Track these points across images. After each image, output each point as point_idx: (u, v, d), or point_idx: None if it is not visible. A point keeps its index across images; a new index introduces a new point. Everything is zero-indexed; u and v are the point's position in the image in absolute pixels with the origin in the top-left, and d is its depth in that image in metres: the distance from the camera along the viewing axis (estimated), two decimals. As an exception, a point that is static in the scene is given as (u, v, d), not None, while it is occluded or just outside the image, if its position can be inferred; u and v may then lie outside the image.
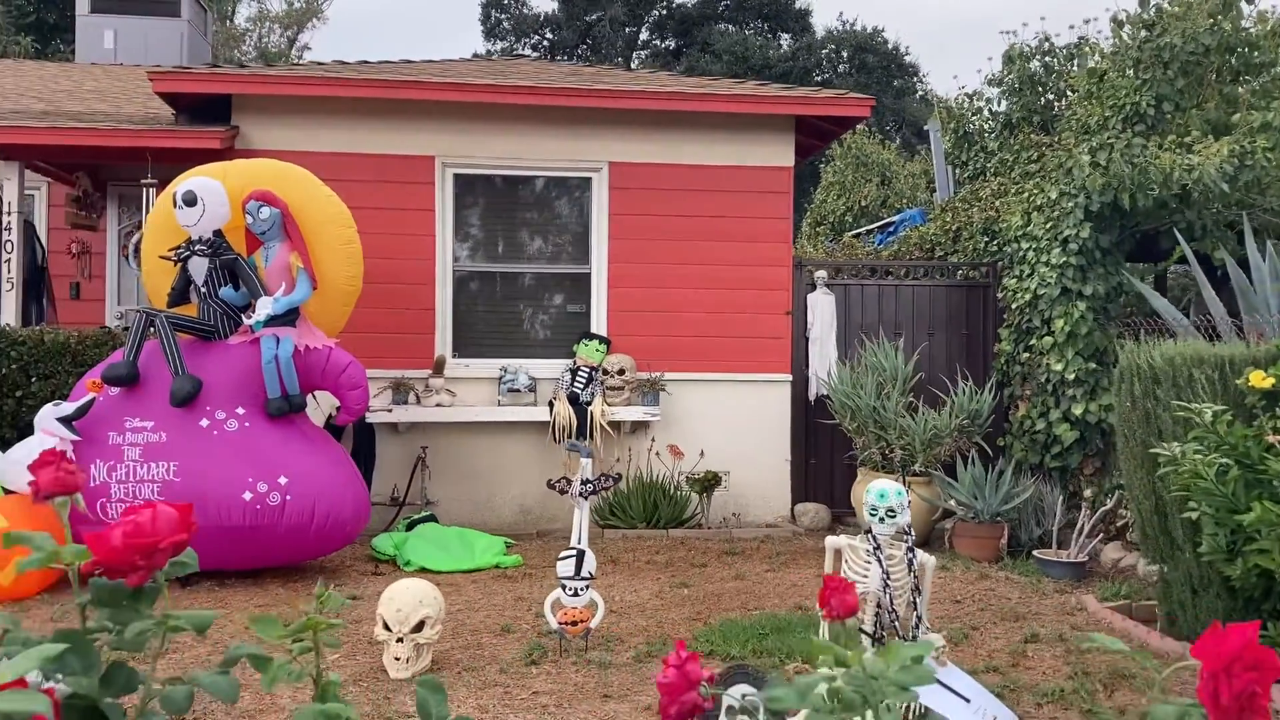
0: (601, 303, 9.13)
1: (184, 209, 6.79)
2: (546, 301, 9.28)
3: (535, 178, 9.21)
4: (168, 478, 6.50)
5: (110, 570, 1.04)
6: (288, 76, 8.67)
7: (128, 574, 1.03)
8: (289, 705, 4.67)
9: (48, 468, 1.21)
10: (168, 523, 1.02)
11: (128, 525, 1.02)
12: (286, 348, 6.76)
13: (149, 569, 1.04)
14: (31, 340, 7.68)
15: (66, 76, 12.72)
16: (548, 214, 9.29)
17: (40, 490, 1.23)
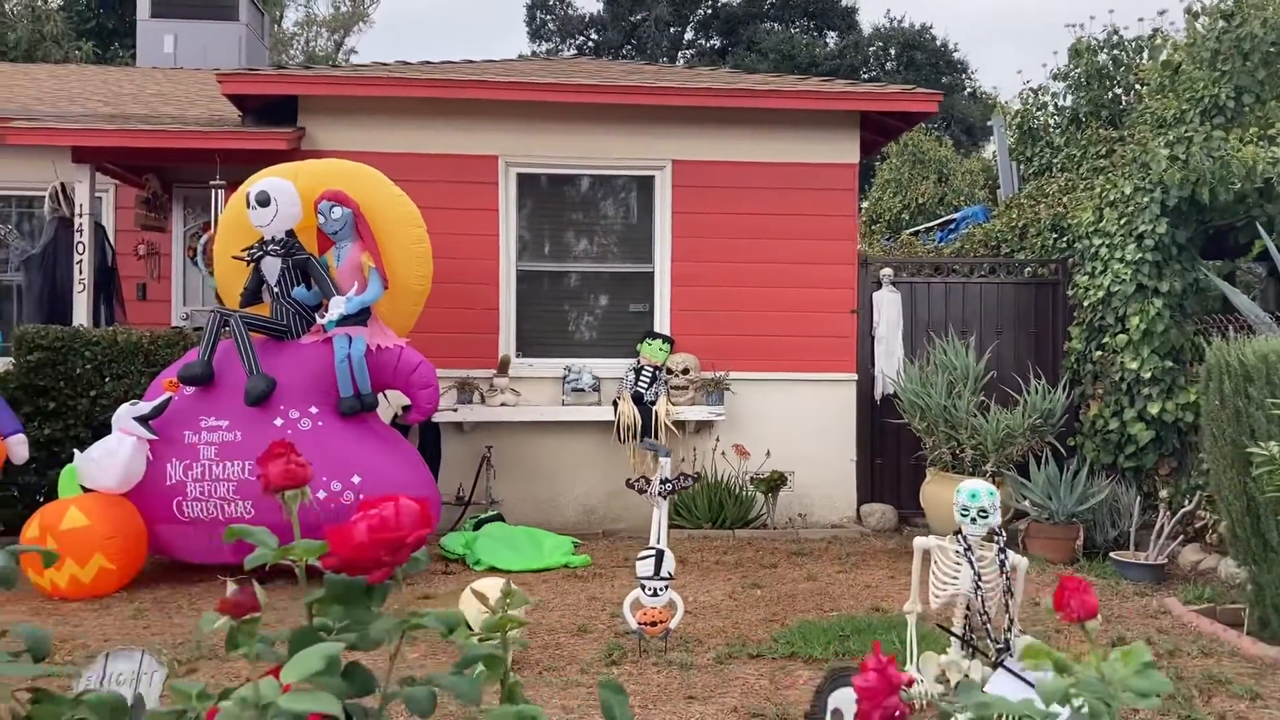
0: (664, 301, 9.08)
1: (257, 209, 6.83)
2: (609, 300, 9.25)
3: (597, 176, 9.18)
4: (243, 476, 6.54)
5: (351, 566, 1.00)
6: (354, 77, 8.71)
7: (370, 570, 1.00)
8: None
9: (277, 460, 1.18)
10: (410, 517, 0.98)
11: (371, 519, 0.99)
12: (359, 346, 6.78)
13: (392, 565, 1.00)
14: (105, 340, 7.77)
15: (129, 80, 12.90)
16: (610, 212, 9.26)
17: (270, 483, 1.20)
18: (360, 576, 1.05)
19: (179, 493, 6.59)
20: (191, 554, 6.73)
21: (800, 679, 5.04)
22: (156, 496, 6.61)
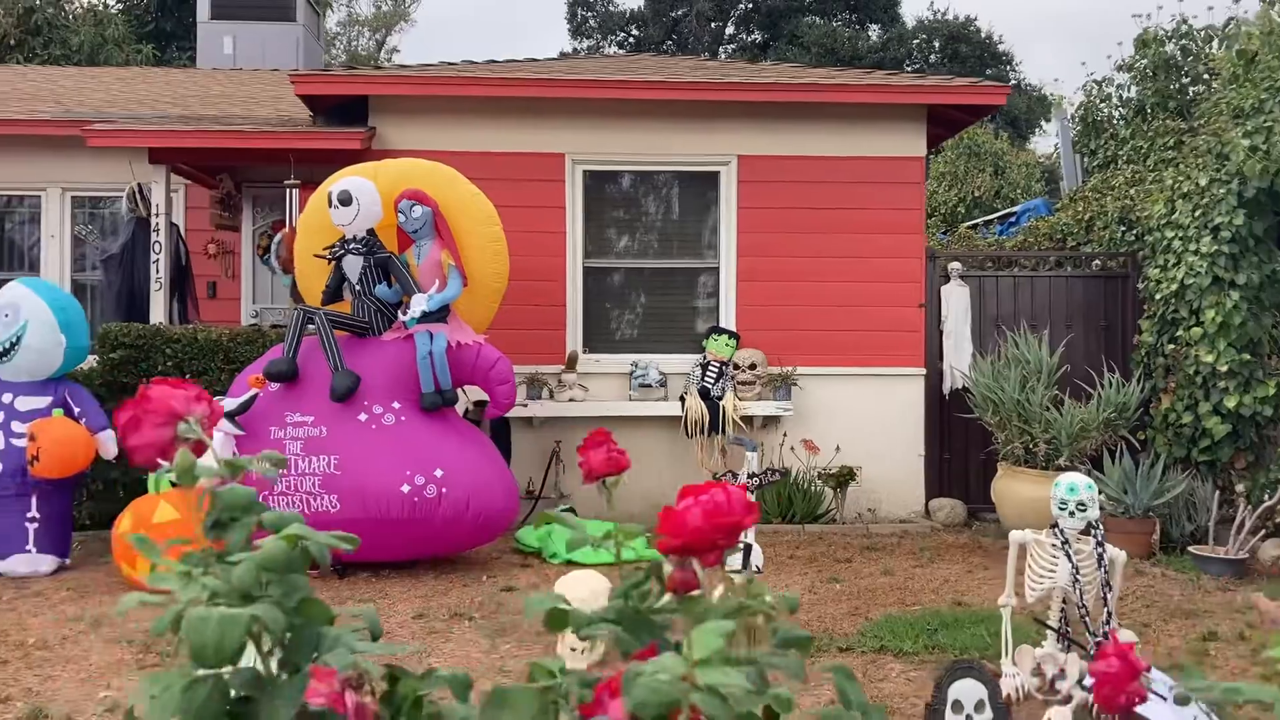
0: (730, 297, 9.11)
1: (339, 208, 6.94)
2: (675, 296, 9.29)
3: (663, 172, 9.23)
4: (329, 471, 6.65)
5: (686, 550, 1.05)
6: (424, 77, 8.81)
7: (704, 553, 1.04)
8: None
9: (598, 449, 1.23)
10: (740, 502, 1.02)
11: (706, 504, 1.03)
12: (440, 343, 6.86)
13: (724, 548, 1.05)
14: (186, 338, 7.92)
15: (192, 81, 13.10)
16: (676, 208, 9.30)
17: (592, 471, 1.25)
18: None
19: (265, 487, 6.70)
20: (277, 547, 6.85)
21: (892, 672, 5.06)
22: (243, 491, 6.72)
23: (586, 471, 1.31)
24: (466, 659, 5.23)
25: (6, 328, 6.85)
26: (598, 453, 1.24)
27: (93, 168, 10.18)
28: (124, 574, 6.56)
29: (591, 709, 1.00)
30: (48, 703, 4.59)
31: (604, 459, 1.25)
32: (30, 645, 5.43)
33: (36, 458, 6.68)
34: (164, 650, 5.32)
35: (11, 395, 6.96)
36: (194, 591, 1.06)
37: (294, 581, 1.12)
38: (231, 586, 1.07)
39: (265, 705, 1.05)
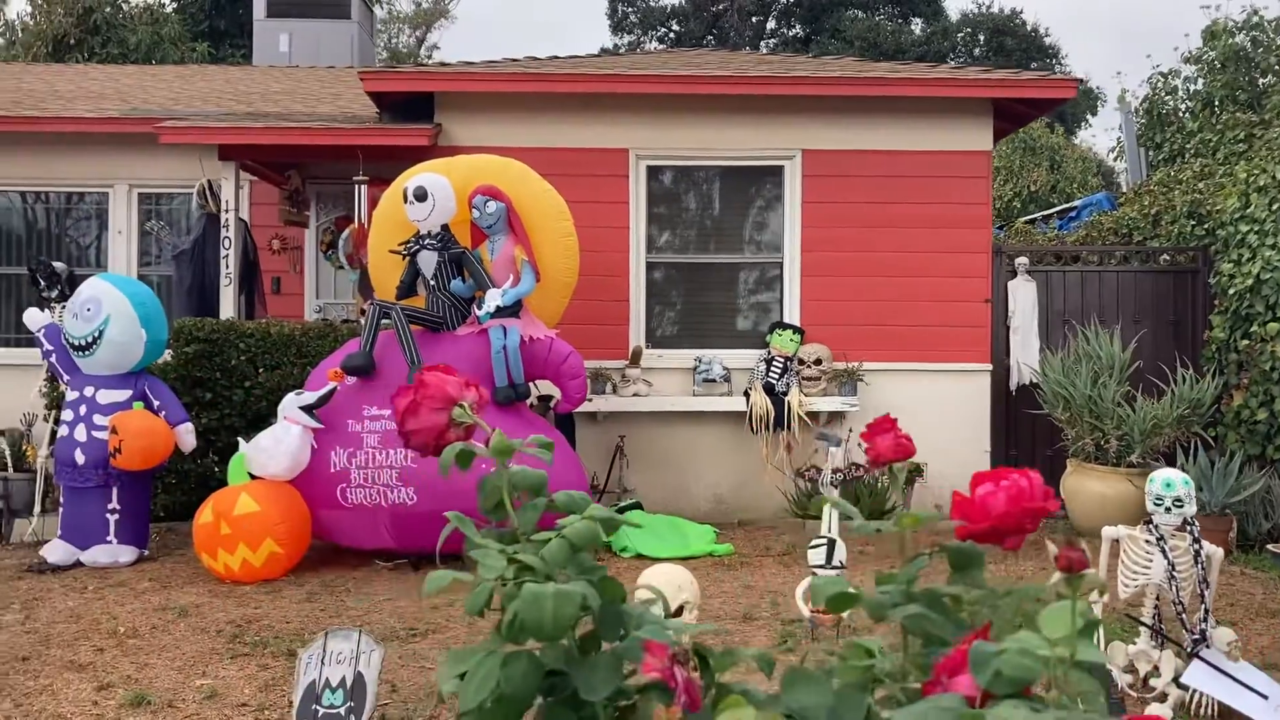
0: (794, 292, 9.09)
1: (414, 204, 6.99)
2: (738, 291, 9.28)
3: (727, 167, 9.21)
4: (405, 464, 6.71)
5: (991, 535, 1.05)
6: (491, 74, 8.84)
7: (1008, 537, 1.05)
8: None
9: (885, 435, 1.24)
10: (1040, 488, 1.03)
11: (1009, 489, 1.03)
12: (514, 337, 6.90)
13: (1028, 532, 1.05)
14: (259, 333, 8.01)
15: (250, 79, 13.24)
16: (739, 203, 9.28)
17: (880, 456, 1.26)
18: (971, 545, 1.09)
19: (343, 479, 6.79)
20: (354, 539, 6.93)
21: (981, 668, 5.02)
22: (321, 483, 6.81)
23: (874, 457, 1.32)
24: (551, 651, 5.25)
25: (88, 322, 6.96)
26: (885, 438, 1.25)
27: (159, 165, 10.32)
28: (204, 564, 6.66)
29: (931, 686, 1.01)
30: (146, 689, 4.67)
31: (891, 444, 1.25)
32: (122, 634, 5.52)
33: (118, 450, 6.78)
34: (253, 639, 5.40)
35: (93, 388, 7.07)
36: (498, 568, 1.07)
37: (582, 561, 1.14)
38: (545, 563, 1.09)
39: (584, 678, 1.06)
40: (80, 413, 7.03)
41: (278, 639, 5.40)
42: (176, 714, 4.43)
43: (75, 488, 7.05)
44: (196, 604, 6.08)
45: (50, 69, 14.23)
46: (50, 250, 10.63)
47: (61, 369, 7.25)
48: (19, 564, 7.16)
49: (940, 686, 1.00)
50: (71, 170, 10.46)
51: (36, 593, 6.36)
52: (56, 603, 6.14)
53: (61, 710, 4.47)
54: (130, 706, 4.49)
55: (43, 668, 4.99)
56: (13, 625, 5.70)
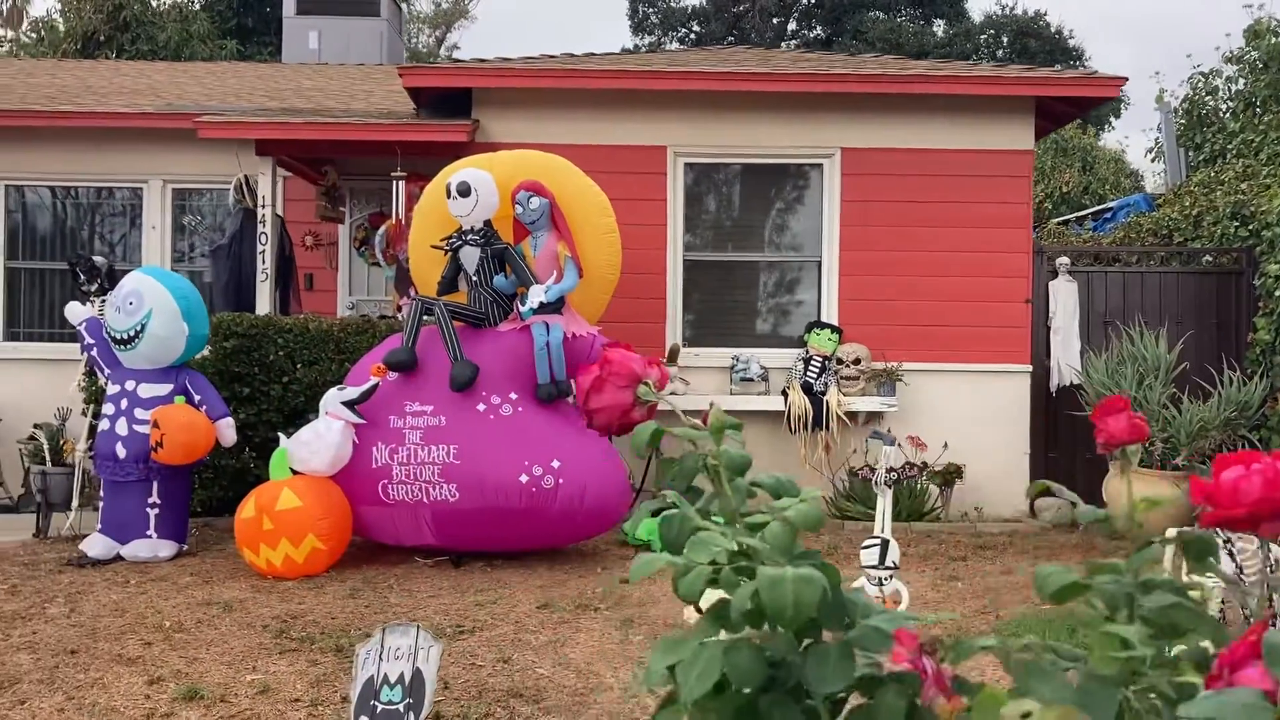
0: (832, 291, 9.02)
1: (458, 199, 6.95)
2: (775, 290, 9.22)
3: (765, 165, 9.16)
4: (448, 460, 6.67)
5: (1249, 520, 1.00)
6: (530, 70, 8.81)
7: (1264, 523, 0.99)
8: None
9: (1119, 415, 1.18)
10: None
11: (1265, 473, 0.98)
12: (557, 334, 6.86)
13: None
14: (297, 328, 7.99)
15: (280, 76, 13.24)
16: (777, 202, 9.22)
17: (1113, 438, 1.20)
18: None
19: (384, 475, 6.75)
20: (394, 536, 6.89)
21: (1039, 672, 4.95)
22: (362, 479, 6.78)
23: (1106, 438, 1.26)
24: (601, 650, 5.21)
25: (130, 316, 6.95)
26: (1117, 420, 1.19)
27: (193, 160, 10.32)
28: (246, 559, 6.63)
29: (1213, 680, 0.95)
30: (197, 684, 4.63)
31: (1126, 425, 1.19)
32: (168, 629, 5.49)
33: (160, 444, 6.77)
34: (299, 634, 5.36)
35: (134, 382, 7.06)
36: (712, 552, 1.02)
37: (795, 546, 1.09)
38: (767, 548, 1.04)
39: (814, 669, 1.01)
40: (121, 407, 7.02)
41: (325, 635, 5.36)
42: (229, 709, 4.39)
43: (116, 482, 7.04)
44: (240, 599, 6.05)
45: (82, 65, 14.27)
46: (84, 245, 10.64)
47: (103, 363, 7.24)
48: (58, 557, 7.16)
49: (1221, 680, 0.94)
50: (106, 165, 10.47)
51: (79, 586, 6.35)
52: (100, 596, 6.13)
53: (114, 703, 4.44)
54: (183, 700, 4.45)
55: (91, 661, 4.96)
56: (58, 618, 5.68)
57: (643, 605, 6.01)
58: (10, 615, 5.72)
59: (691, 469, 1.28)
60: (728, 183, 9.21)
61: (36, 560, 7.09)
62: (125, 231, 10.70)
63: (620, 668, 4.94)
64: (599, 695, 4.60)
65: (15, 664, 4.92)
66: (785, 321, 9.16)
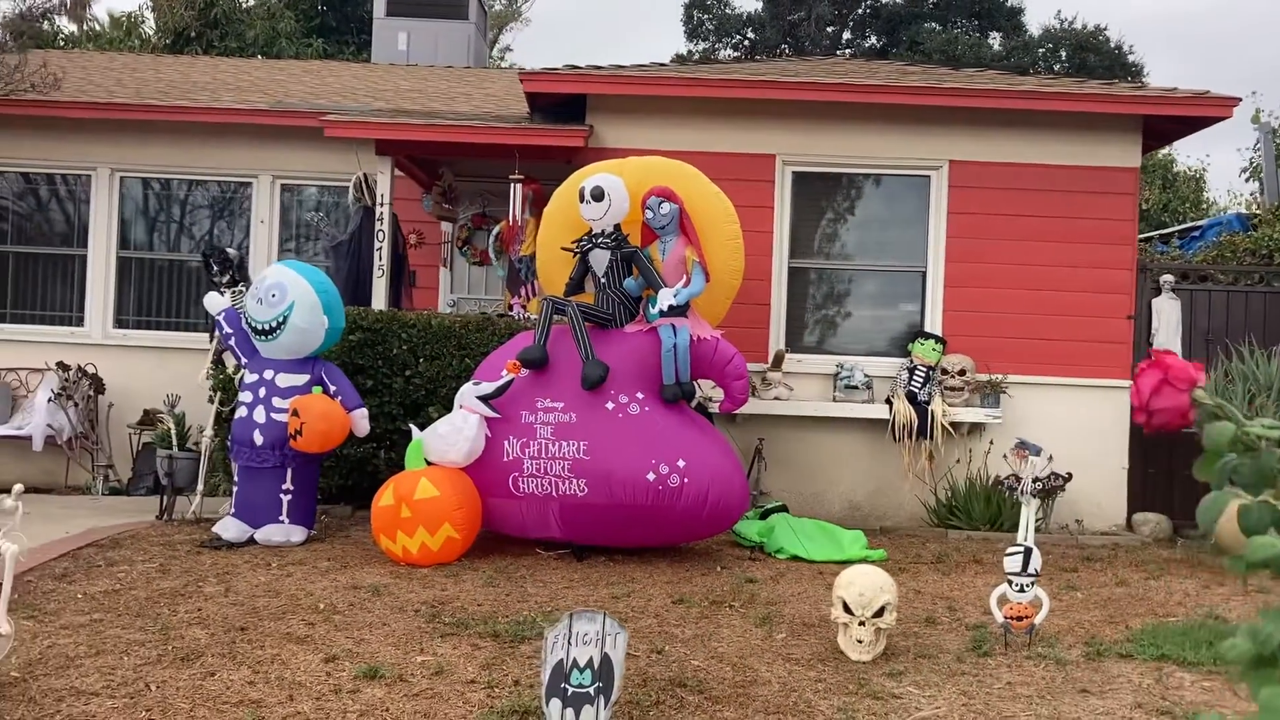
0: (937, 302, 9.13)
1: (591, 203, 7.14)
2: (878, 299, 9.35)
3: (872, 175, 9.29)
4: (578, 456, 6.85)
5: None
6: (649, 77, 9.00)
7: None
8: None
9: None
10: None
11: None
12: (684, 337, 7.03)
13: None
14: (420, 324, 8.21)
15: (376, 76, 13.50)
16: (883, 212, 9.35)
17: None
18: None
19: (515, 469, 6.94)
20: (520, 528, 7.08)
21: (1185, 682, 5.06)
22: (493, 472, 6.98)
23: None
24: (748, 645, 5.36)
25: (273, 307, 7.18)
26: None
27: (299, 157, 10.60)
28: (382, 546, 6.83)
29: None
30: (371, 663, 4.82)
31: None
32: (323, 610, 5.70)
33: (299, 432, 7.00)
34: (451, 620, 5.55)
35: (272, 372, 7.30)
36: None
37: None
38: None
39: None
40: (259, 395, 7.26)
41: (477, 621, 5.55)
42: (409, 688, 4.58)
43: (251, 467, 7.28)
44: (383, 584, 6.25)
45: (180, 61, 14.62)
46: (196, 238, 10.94)
47: (240, 352, 7.48)
48: (189, 540, 7.40)
49: None
50: (216, 160, 10.76)
51: (224, 567, 6.58)
52: (249, 577, 6.35)
53: (298, 679, 4.64)
54: (364, 679, 4.65)
55: (263, 638, 5.18)
56: (216, 597, 5.91)
57: (772, 604, 6.16)
58: (170, 593, 5.95)
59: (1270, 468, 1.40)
60: (835, 192, 9.35)
61: (171, 541, 7.34)
62: (233, 226, 10.98)
63: (773, 663, 5.09)
64: (759, 689, 4.75)
65: (192, 638, 5.14)
66: (887, 331, 9.28)
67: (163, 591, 5.97)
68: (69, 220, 10.97)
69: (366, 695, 4.48)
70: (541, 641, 5.21)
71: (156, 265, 10.97)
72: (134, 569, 6.47)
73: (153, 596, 5.86)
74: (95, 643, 5.02)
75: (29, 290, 10.90)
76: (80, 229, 10.90)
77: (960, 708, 4.56)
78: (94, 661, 4.76)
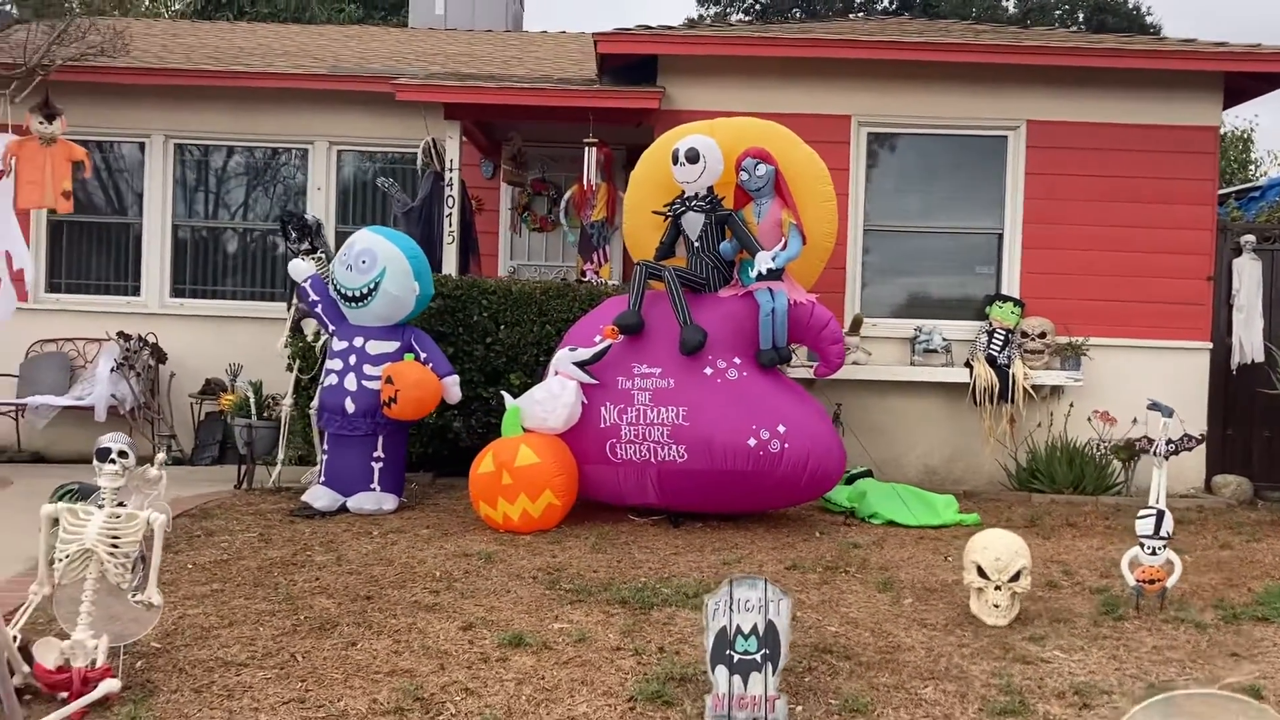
0: (1014, 264, 9.04)
1: (685, 166, 7.02)
2: (955, 262, 9.25)
3: (948, 136, 9.16)
4: (677, 421, 6.77)
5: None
6: (723, 37, 8.85)
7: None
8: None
9: None
10: None
11: None
12: (782, 301, 6.93)
13: None
14: (500, 290, 8.11)
15: (418, 40, 13.31)
16: (959, 173, 9.22)
17: None
18: None
19: (613, 435, 6.87)
20: (617, 494, 7.01)
21: (1330, 643, 5.01)
22: (590, 438, 6.90)
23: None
24: (877, 611, 5.31)
25: (364, 274, 7.08)
26: None
27: (353, 122, 10.47)
28: (482, 513, 6.77)
29: None
30: (508, 630, 4.76)
31: None
32: (439, 578, 5.64)
33: (393, 400, 6.91)
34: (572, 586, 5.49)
35: (362, 339, 7.21)
36: None
37: None
38: None
39: None
40: (350, 362, 7.17)
41: (599, 588, 5.48)
42: (557, 655, 4.53)
43: (343, 435, 7.20)
44: (490, 551, 6.19)
45: (217, 26, 14.42)
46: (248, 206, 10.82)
47: (327, 319, 7.38)
48: (276, 509, 7.33)
49: None
50: (271, 126, 10.61)
51: (327, 536, 6.52)
52: (353, 546, 6.29)
53: (442, 648, 4.58)
54: (508, 647, 4.59)
55: (392, 607, 5.12)
56: (329, 565, 5.84)
57: (885, 570, 6.11)
58: (281, 562, 5.89)
59: None
60: (910, 153, 9.22)
61: (260, 511, 7.27)
62: (289, 192, 10.84)
63: (909, 629, 5.04)
64: (904, 655, 4.70)
65: (321, 608, 5.09)
66: (963, 294, 9.19)
67: (273, 561, 5.91)
68: (123, 189, 10.84)
69: (516, 663, 4.43)
70: (669, 610, 5.19)
71: (212, 233, 10.84)
72: (235, 539, 6.41)
73: (264, 566, 5.80)
74: (224, 613, 4.97)
75: (83, 260, 10.78)
76: (135, 197, 10.77)
77: (1114, 672, 4.51)
78: (230, 632, 4.71)
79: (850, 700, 4.10)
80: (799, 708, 4.07)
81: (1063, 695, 4.24)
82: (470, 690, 4.13)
